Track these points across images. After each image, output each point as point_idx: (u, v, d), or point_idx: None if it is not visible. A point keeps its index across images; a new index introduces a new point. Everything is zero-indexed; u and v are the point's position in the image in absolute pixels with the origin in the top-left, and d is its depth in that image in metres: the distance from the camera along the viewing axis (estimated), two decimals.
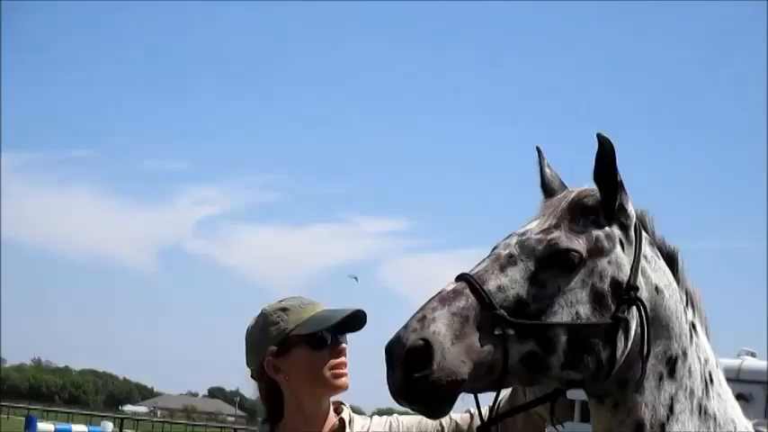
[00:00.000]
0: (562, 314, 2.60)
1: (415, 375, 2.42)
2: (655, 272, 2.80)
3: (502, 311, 2.52)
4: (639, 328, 2.69)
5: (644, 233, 2.84)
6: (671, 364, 2.73)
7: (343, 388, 3.21)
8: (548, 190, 2.97)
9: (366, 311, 3.26)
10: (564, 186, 2.98)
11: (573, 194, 2.81)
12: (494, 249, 2.74)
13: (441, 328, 2.46)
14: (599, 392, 2.71)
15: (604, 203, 2.76)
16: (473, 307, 2.52)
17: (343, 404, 3.31)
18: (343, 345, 3.21)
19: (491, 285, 2.57)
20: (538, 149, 3.03)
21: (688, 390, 2.75)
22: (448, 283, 2.61)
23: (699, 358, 2.81)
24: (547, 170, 3.02)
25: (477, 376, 2.48)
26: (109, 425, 56.36)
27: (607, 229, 2.75)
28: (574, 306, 2.62)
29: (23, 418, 43.97)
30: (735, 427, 2.83)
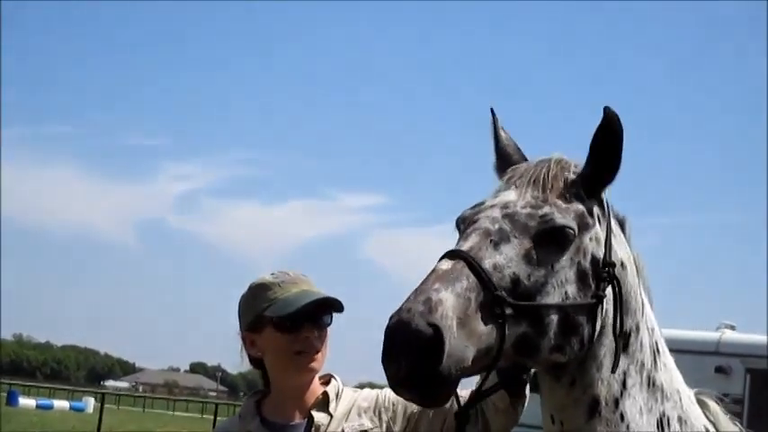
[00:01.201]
0: (554, 295, 2.52)
1: (422, 365, 2.27)
2: (619, 246, 2.75)
3: (502, 293, 2.41)
4: (612, 306, 2.64)
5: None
6: (624, 339, 2.68)
7: (309, 372, 3.16)
8: (503, 154, 2.89)
9: (341, 299, 3.18)
10: (519, 151, 2.90)
11: (553, 165, 2.70)
12: (471, 221, 2.61)
13: (448, 311, 2.30)
14: (556, 371, 2.63)
15: (592, 178, 2.68)
16: (474, 288, 2.38)
17: (333, 377, 3.29)
18: (315, 328, 3.14)
19: (487, 264, 2.44)
20: (492, 111, 2.94)
21: (639, 363, 2.72)
22: (441, 260, 2.48)
23: (648, 329, 2.78)
24: (501, 133, 2.92)
25: (475, 361, 2.36)
26: (90, 400, 56.37)
27: (588, 203, 2.67)
28: (563, 286, 2.55)
29: (5, 394, 43.85)
30: (680, 398, 2.82)
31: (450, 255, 2.49)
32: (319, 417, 3.14)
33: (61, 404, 55.96)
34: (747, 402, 12.31)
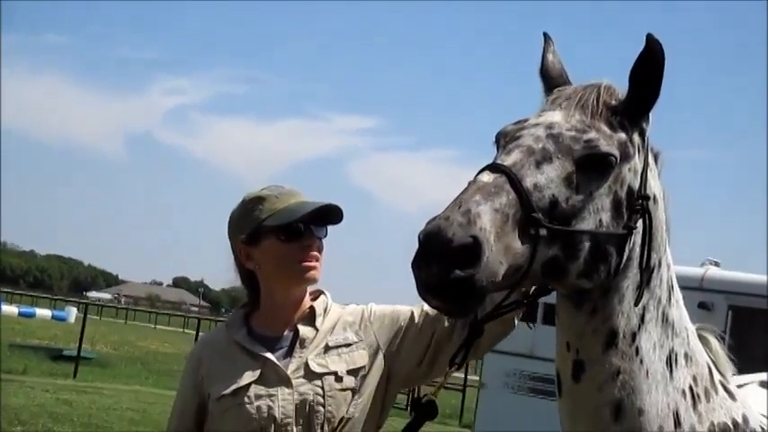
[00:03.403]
0: (589, 221, 2.51)
1: (456, 273, 2.25)
2: (654, 179, 2.74)
3: (539, 215, 2.39)
4: (640, 239, 2.63)
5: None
6: (648, 273, 2.67)
7: (310, 280, 3.16)
8: (546, 77, 2.86)
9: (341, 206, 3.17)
10: (565, 74, 2.87)
11: (598, 90, 2.67)
12: (513, 137, 2.58)
13: (486, 224, 2.29)
14: (579, 297, 2.63)
15: (636, 106, 2.65)
16: (513, 204, 2.37)
17: (323, 293, 3.29)
18: (315, 238, 3.14)
19: (528, 182, 2.42)
20: (545, 35, 2.91)
21: (656, 298, 2.73)
22: (482, 173, 2.45)
23: (666, 265, 2.79)
24: (549, 56, 2.89)
25: (504, 277, 2.35)
26: (73, 310, 56.65)
27: (630, 133, 2.65)
28: (599, 213, 2.54)
29: None
30: (687, 334, 2.84)
31: (492, 168, 2.46)
32: (305, 330, 3.14)
33: (43, 312, 56.27)
34: (728, 339, 12.46)
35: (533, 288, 2.73)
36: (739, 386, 3.14)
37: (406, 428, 3.02)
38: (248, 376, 3.06)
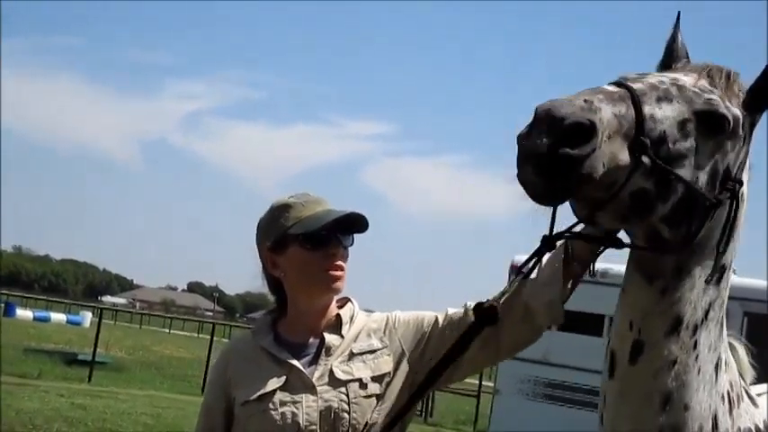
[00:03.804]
0: (687, 172, 2.49)
1: (566, 149, 2.21)
2: (747, 179, 2.74)
3: (647, 140, 2.37)
4: (723, 223, 2.63)
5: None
6: (721, 272, 2.67)
7: (334, 290, 3.16)
8: (673, 52, 2.87)
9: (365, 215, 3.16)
10: (687, 56, 2.87)
11: (727, 70, 2.69)
12: (637, 78, 2.55)
13: (605, 120, 2.27)
14: (652, 271, 2.61)
15: (759, 97, 2.67)
16: (629, 118, 2.35)
17: (350, 300, 3.29)
18: (340, 246, 3.13)
19: (647, 110, 2.41)
20: (678, 14, 2.92)
21: (721, 300, 2.71)
22: (607, 84, 2.44)
23: (733, 271, 2.78)
24: (679, 36, 2.90)
25: (598, 182, 2.30)
26: (87, 315, 56.89)
27: (744, 115, 2.65)
28: (698, 171, 2.52)
29: (2, 305, 44.19)
30: (727, 342, 2.84)
31: (618, 84, 2.45)
32: (331, 338, 3.14)
33: (58, 317, 56.45)
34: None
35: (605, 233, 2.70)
36: (758, 395, 3.14)
37: (464, 334, 2.94)
38: (274, 382, 3.06)
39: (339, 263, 3.13)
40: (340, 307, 3.24)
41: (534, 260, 2.82)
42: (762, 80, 2.66)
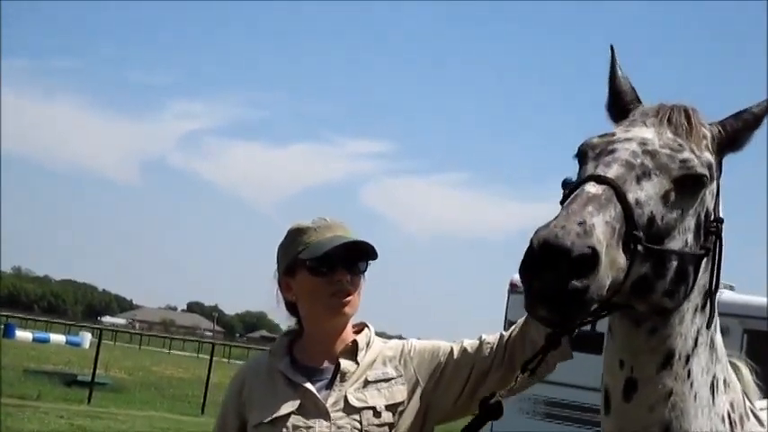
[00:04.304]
0: (678, 240, 2.52)
1: (573, 284, 2.19)
2: (721, 206, 2.76)
3: (640, 233, 2.38)
4: (710, 262, 2.66)
5: None
6: (705, 298, 2.69)
7: (340, 316, 3.15)
8: (617, 91, 2.86)
9: (373, 244, 3.16)
10: (634, 91, 2.86)
11: (691, 111, 2.69)
12: (606, 150, 2.56)
13: (600, 236, 2.25)
14: (638, 316, 2.60)
15: (730, 139, 2.71)
16: (620, 219, 2.35)
17: (366, 326, 3.28)
18: (347, 273, 3.12)
19: (631, 197, 2.40)
20: (611, 48, 2.90)
21: (708, 322, 2.72)
22: (587, 183, 2.41)
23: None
24: (618, 71, 2.89)
25: (607, 291, 2.31)
26: (87, 335, 56.76)
27: (714, 158, 2.67)
28: (686, 233, 2.55)
29: (2, 326, 44.08)
30: (725, 360, 2.84)
31: (598, 179, 2.43)
32: (346, 364, 3.14)
33: (58, 338, 56.35)
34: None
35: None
36: (761, 409, 3.14)
37: (468, 426, 2.94)
38: (288, 406, 3.06)
39: (345, 289, 3.12)
40: (357, 332, 3.24)
41: (539, 358, 2.84)
42: (733, 125, 2.71)
